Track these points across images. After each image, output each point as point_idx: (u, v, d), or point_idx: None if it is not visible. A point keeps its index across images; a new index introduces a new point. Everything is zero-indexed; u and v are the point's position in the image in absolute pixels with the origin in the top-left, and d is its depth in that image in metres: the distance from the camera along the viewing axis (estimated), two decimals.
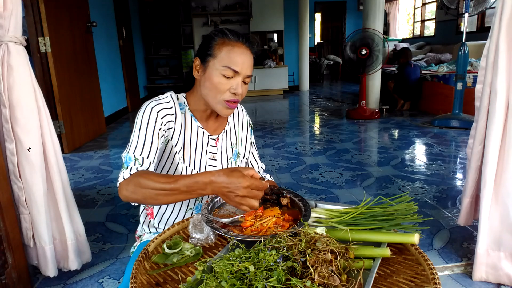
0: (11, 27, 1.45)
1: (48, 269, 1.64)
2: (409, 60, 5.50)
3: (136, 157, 0.99)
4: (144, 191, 0.91)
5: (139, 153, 0.99)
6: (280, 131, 4.69)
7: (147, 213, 1.17)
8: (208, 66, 1.04)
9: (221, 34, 1.04)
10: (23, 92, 1.50)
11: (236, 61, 1.01)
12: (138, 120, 1.03)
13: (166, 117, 1.05)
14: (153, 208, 1.16)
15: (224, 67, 1.01)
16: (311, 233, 0.74)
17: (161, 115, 1.03)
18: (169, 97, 1.09)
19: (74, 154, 3.76)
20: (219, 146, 1.16)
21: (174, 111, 1.07)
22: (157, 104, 1.04)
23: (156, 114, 1.02)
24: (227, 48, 1.02)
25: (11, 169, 1.53)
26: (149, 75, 7.82)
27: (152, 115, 1.02)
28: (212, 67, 1.03)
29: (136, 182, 0.92)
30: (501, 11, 1.47)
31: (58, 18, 3.60)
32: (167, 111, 1.05)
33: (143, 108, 1.04)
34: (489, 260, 1.60)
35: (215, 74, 1.02)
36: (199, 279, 0.66)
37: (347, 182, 2.85)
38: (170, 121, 1.06)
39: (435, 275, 0.71)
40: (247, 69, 1.03)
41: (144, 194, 0.91)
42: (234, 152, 1.21)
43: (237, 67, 1.01)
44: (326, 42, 11.88)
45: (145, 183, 0.90)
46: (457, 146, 3.76)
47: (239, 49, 1.02)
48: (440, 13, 7.99)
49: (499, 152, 1.53)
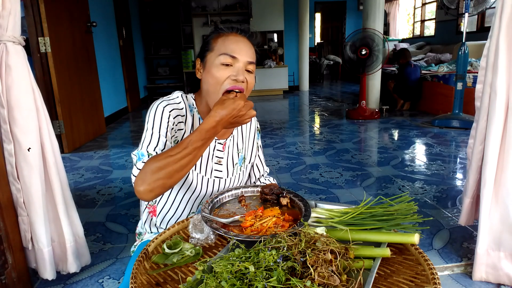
0: (9, 27, 1.44)
1: (47, 271, 1.62)
2: (409, 60, 5.49)
3: (150, 153, 0.96)
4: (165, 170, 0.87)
5: (152, 149, 0.97)
6: (280, 131, 4.69)
7: (150, 211, 1.17)
8: (207, 60, 1.03)
9: (216, 30, 1.05)
10: (22, 93, 1.49)
11: (231, 47, 1.00)
12: (150, 118, 1.00)
13: (177, 117, 1.03)
14: (156, 205, 1.15)
15: (221, 55, 0.99)
16: (311, 233, 0.74)
17: (173, 114, 1.02)
18: (179, 97, 1.07)
19: (74, 154, 3.76)
20: (225, 151, 1.15)
21: (184, 112, 1.06)
22: (168, 104, 1.02)
23: (168, 114, 1.00)
24: (222, 38, 1.02)
25: (9, 170, 1.52)
26: (149, 75, 7.82)
27: (164, 114, 1.00)
28: (210, 60, 1.02)
29: (153, 169, 0.88)
30: (501, 11, 1.47)
31: (58, 18, 3.60)
32: (178, 112, 1.04)
33: (155, 107, 1.01)
34: (489, 260, 1.59)
35: (214, 65, 1.00)
36: (199, 279, 0.66)
37: (347, 182, 2.85)
38: (181, 122, 1.04)
39: (435, 275, 0.71)
40: (246, 55, 1.01)
41: (167, 173, 0.88)
42: (240, 157, 1.20)
43: (234, 53, 0.99)
44: (326, 42, 11.88)
45: (161, 163, 0.88)
46: (457, 146, 3.76)
47: (234, 37, 1.02)
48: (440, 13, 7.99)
49: (499, 152, 1.53)
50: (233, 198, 1.06)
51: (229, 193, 1.06)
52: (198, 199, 1.13)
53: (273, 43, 8.27)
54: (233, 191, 1.07)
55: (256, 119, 1.27)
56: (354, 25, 9.95)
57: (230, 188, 1.08)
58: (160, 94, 1.33)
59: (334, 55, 11.08)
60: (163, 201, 1.13)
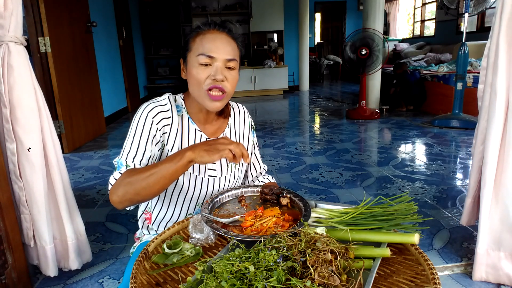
0: (11, 27, 1.45)
1: (49, 268, 1.64)
2: (405, 69, 5.59)
3: (128, 164, 0.97)
4: (134, 187, 0.90)
5: (131, 160, 0.97)
6: (280, 131, 4.69)
7: (146, 217, 1.16)
8: (188, 61, 1.02)
9: (195, 28, 1.03)
10: (24, 92, 1.50)
11: (208, 47, 0.98)
12: (133, 125, 1.01)
13: (162, 121, 1.02)
14: (151, 213, 1.15)
15: (199, 55, 0.98)
16: (311, 233, 0.74)
17: (156, 120, 1.01)
18: (166, 99, 1.06)
19: (74, 154, 3.76)
20: None
21: (170, 114, 1.04)
22: (154, 107, 1.02)
23: (151, 120, 1.00)
24: (199, 37, 1.00)
25: (12, 169, 1.53)
26: (149, 75, 7.82)
27: (147, 121, 1.00)
28: (190, 61, 1.01)
29: (125, 183, 0.91)
30: (501, 11, 1.47)
31: (58, 18, 3.60)
32: (163, 115, 1.02)
33: (139, 112, 1.01)
34: (489, 260, 1.60)
35: (193, 66, 0.99)
36: (199, 279, 0.66)
37: (347, 182, 2.85)
38: (166, 125, 1.03)
39: (435, 275, 0.71)
40: (224, 52, 0.98)
41: (135, 190, 0.90)
42: None
43: (210, 52, 0.97)
44: (326, 42, 11.88)
45: (132, 179, 0.90)
46: (457, 146, 3.76)
47: (211, 35, 0.99)
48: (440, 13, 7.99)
49: (499, 152, 1.53)
50: (233, 198, 1.06)
51: (229, 193, 1.06)
52: (193, 200, 1.11)
53: (273, 43, 8.27)
54: (233, 191, 1.07)
55: (250, 116, 1.25)
56: (354, 25, 9.95)
57: (230, 188, 1.08)
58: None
59: (334, 55, 11.08)
60: (158, 208, 1.13)
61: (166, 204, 1.11)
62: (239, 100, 7.46)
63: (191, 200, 1.11)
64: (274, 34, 8.39)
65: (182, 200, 1.10)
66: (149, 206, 1.15)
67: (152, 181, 0.89)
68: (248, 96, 7.87)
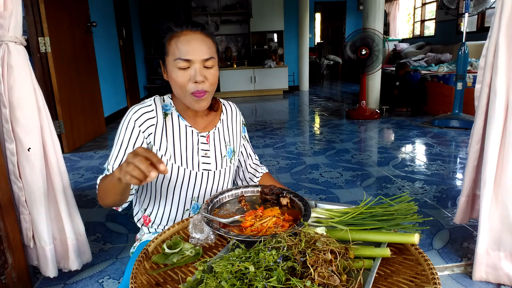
0: (11, 27, 1.45)
1: (48, 269, 1.64)
2: (407, 70, 5.56)
3: (108, 168, 1.06)
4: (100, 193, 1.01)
5: (111, 165, 1.06)
6: (280, 131, 4.69)
7: (144, 220, 1.18)
8: (167, 65, 1.03)
9: (167, 30, 1.02)
10: (24, 92, 1.50)
11: (184, 50, 0.98)
12: (120, 132, 1.06)
13: (146, 122, 1.04)
14: (149, 216, 1.16)
15: (176, 60, 0.98)
16: (311, 233, 0.74)
17: (139, 123, 1.03)
18: (151, 100, 1.08)
19: (74, 154, 3.76)
20: (211, 143, 1.14)
21: (155, 114, 1.06)
22: (138, 109, 1.05)
23: (134, 124, 1.04)
24: (174, 40, 1.00)
25: (11, 169, 1.53)
26: (149, 75, 7.82)
27: (129, 126, 1.04)
28: (168, 65, 1.02)
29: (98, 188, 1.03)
30: (501, 11, 1.47)
31: (58, 18, 3.60)
32: (147, 115, 1.04)
33: (125, 117, 1.06)
34: (489, 260, 1.60)
35: (172, 71, 1.00)
36: (199, 279, 0.66)
37: (347, 182, 2.85)
38: (151, 125, 1.05)
39: (435, 275, 0.71)
40: (200, 53, 0.98)
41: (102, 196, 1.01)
42: (229, 150, 1.19)
43: (187, 56, 0.97)
44: (326, 42, 11.88)
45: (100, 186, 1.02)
46: (457, 146, 3.76)
47: (185, 37, 0.99)
48: (440, 13, 7.99)
49: (499, 152, 1.53)
50: (233, 198, 1.06)
51: (229, 193, 1.06)
52: (188, 195, 1.12)
53: (273, 43, 8.27)
54: (233, 191, 1.07)
55: (241, 114, 1.28)
56: (354, 25, 9.95)
57: (230, 188, 1.08)
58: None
59: (334, 55, 11.08)
60: (155, 209, 1.14)
61: (163, 201, 1.12)
62: (239, 100, 7.46)
63: (186, 194, 1.12)
64: (274, 34, 8.38)
65: (178, 195, 1.11)
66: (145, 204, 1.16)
67: (103, 192, 1.00)
68: (248, 96, 7.87)
